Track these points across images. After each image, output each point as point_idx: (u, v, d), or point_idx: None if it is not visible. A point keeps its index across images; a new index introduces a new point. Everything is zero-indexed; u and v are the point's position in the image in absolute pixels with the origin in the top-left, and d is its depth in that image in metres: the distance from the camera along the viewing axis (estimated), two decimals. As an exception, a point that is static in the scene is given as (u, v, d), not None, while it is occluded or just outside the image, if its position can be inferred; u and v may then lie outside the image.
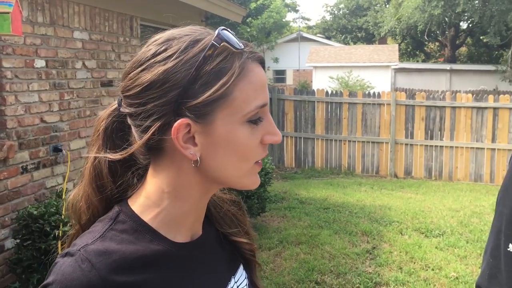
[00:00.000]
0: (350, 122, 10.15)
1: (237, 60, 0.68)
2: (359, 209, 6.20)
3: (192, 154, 0.68)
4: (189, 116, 0.66)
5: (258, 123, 0.71)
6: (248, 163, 0.72)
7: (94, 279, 0.64)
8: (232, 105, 0.67)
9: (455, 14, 19.63)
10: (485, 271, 1.54)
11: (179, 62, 0.66)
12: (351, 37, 33.36)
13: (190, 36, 0.69)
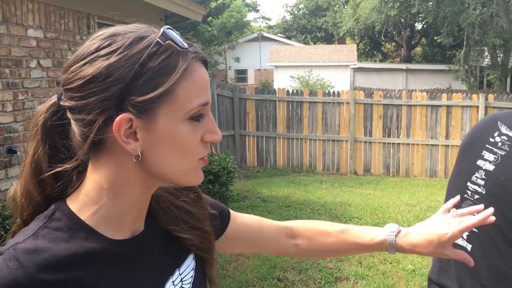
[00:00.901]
0: (311, 120, 10.28)
1: (181, 59, 0.69)
2: (320, 206, 6.30)
3: (133, 149, 0.69)
4: (131, 111, 0.67)
5: (200, 121, 0.72)
6: (190, 160, 0.73)
7: (20, 277, 0.63)
8: (175, 102, 0.68)
9: (410, 15, 20.22)
10: (435, 264, 1.60)
11: (123, 58, 0.66)
12: (311, 37, 33.80)
13: (135, 33, 0.70)
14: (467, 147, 1.52)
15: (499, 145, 1.37)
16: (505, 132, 1.38)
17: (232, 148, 10.39)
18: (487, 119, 1.52)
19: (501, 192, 1.34)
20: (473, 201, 1.41)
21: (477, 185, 1.40)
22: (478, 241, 1.39)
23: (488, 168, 1.38)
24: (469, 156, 1.47)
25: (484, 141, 1.43)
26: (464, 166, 1.48)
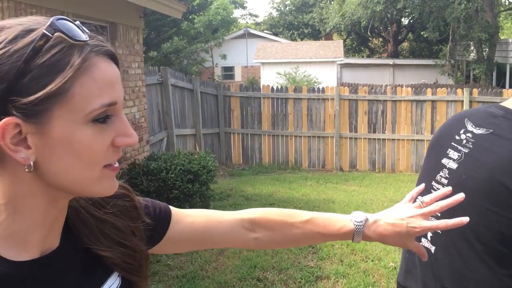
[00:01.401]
0: (296, 117, 10.24)
1: (76, 53, 0.60)
2: (303, 204, 6.25)
3: (24, 158, 0.60)
4: (17, 114, 0.58)
5: (108, 122, 0.64)
6: (95, 167, 0.64)
7: None
8: (71, 103, 0.60)
9: (397, 10, 20.24)
10: (402, 266, 1.55)
11: (5, 53, 0.58)
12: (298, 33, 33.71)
13: (23, 26, 0.61)
14: (434, 145, 1.47)
15: (464, 143, 1.32)
16: (470, 129, 1.33)
17: (217, 146, 10.32)
18: (455, 116, 1.46)
19: (462, 192, 1.28)
20: None
21: (441, 185, 1.34)
22: (441, 243, 1.33)
23: (451, 167, 1.32)
24: (435, 154, 1.42)
25: (450, 138, 1.37)
26: (430, 164, 1.43)
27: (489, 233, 1.20)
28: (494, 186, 1.19)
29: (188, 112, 8.68)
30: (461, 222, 0.97)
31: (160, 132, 7.17)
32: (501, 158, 1.20)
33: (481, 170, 1.23)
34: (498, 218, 1.18)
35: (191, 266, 4.04)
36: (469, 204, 1.25)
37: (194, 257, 4.23)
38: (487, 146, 1.25)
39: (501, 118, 1.28)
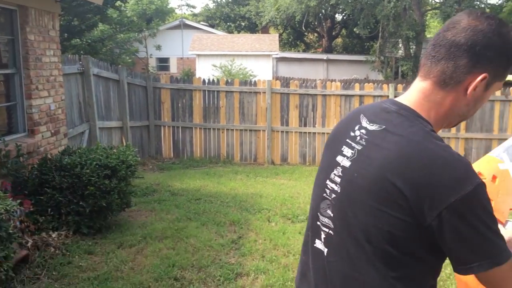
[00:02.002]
0: (228, 110, 10.12)
1: None
2: (231, 198, 6.15)
3: None
4: None
5: None
6: None
7: None
8: None
9: (330, 6, 20.61)
10: (298, 269, 1.47)
11: None
12: (235, 25, 33.57)
13: None
14: (330, 141, 1.39)
15: (357, 139, 1.24)
16: (364, 126, 1.26)
17: (147, 139, 10.00)
18: (353, 112, 1.38)
19: (353, 191, 1.21)
20: (331, 201, 1.28)
21: (334, 183, 1.27)
22: (334, 245, 1.26)
23: (345, 165, 1.25)
24: (331, 151, 1.34)
25: (345, 135, 1.29)
26: (326, 162, 1.35)
27: (378, 233, 1.14)
28: (383, 185, 1.12)
29: (114, 104, 8.30)
30: None
31: (81, 124, 6.78)
32: (390, 155, 1.14)
33: (370, 168, 1.16)
34: (388, 218, 1.12)
35: (105, 267, 3.82)
36: (360, 203, 1.19)
37: (110, 257, 4.01)
38: (379, 143, 1.18)
39: (393, 114, 1.22)
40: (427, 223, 1.08)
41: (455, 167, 1.09)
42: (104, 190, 4.40)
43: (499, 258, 1.09)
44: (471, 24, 1.18)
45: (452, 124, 1.29)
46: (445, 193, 1.06)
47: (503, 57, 1.20)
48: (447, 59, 1.19)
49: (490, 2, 19.80)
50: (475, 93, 1.20)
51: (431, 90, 1.22)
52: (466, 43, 1.17)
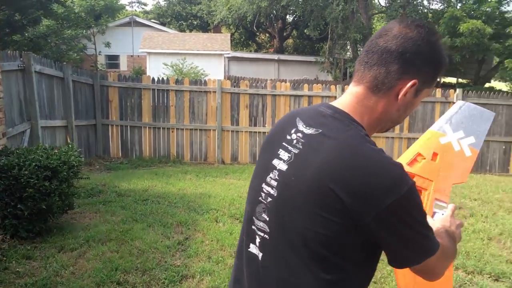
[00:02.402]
0: (178, 109, 10.02)
1: None
2: (179, 199, 6.07)
3: None
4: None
5: None
6: None
7: None
8: None
9: (281, 7, 20.76)
10: (232, 274, 1.46)
11: None
12: (186, 24, 33.24)
13: None
14: (267, 144, 1.38)
15: (294, 143, 1.25)
16: (301, 129, 1.26)
17: (93, 139, 9.72)
18: (288, 114, 1.39)
19: (289, 194, 1.21)
20: (266, 204, 1.27)
21: (271, 187, 1.26)
22: (269, 250, 1.25)
23: (281, 168, 1.25)
24: (266, 154, 1.34)
25: (282, 138, 1.30)
26: (261, 165, 1.35)
27: (314, 237, 1.15)
28: (320, 189, 1.13)
29: (58, 102, 8.00)
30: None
31: (21, 123, 6.49)
32: (327, 159, 1.15)
33: (308, 172, 1.17)
34: (324, 222, 1.13)
35: (44, 272, 3.67)
36: (296, 207, 1.19)
37: (50, 262, 3.86)
38: (316, 147, 1.19)
39: (329, 118, 1.23)
40: (364, 226, 1.11)
41: (390, 170, 1.12)
42: (44, 192, 4.23)
43: (431, 250, 1.16)
44: (402, 32, 1.22)
45: (384, 129, 1.33)
46: (381, 196, 1.09)
47: (431, 64, 1.24)
48: (379, 65, 1.22)
49: (432, 8, 20.59)
50: (405, 99, 1.24)
51: (364, 95, 1.24)
52: (397, 50, 1.20)
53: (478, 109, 1.98)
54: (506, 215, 5.97)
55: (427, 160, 1.86)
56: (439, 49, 1.25)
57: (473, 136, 1.93)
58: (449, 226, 1.40)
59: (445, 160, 1.87)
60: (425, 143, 1.91)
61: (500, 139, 9.99)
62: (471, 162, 1.91)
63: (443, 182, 1.84)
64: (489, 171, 10.06)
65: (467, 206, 6.34)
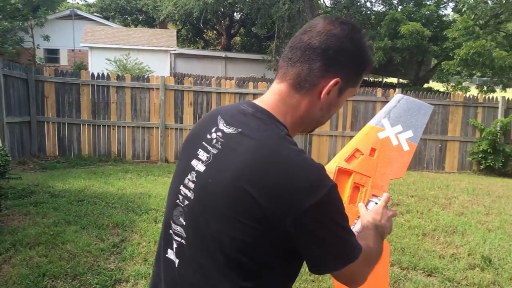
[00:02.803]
0: (119, 106, 9.72)
1: None
2: (117, 199, 5.86)
3: None
4: None
5: None
6: None
7: None
8: None
9: (228, 5, 20.67)
10: (150, 281, 1.37)
11: None
12: (131, 19, 32.46)
13: None
14: (187, 143, 1.30)
15: (213, 143, 1.18)
16: (221, 128, 1.19)
17: (28, 136, 9.24)
18: (211, 112, 1.31)
19: (206, 198, 1.14)
20: (183, 208, 1.19)
21: (188, 189, 1.19)
22: (185, 256, 1.18)
23: (199, 169, 1.17)
24: (187, 154, 1.26)
25: (202, 137, 1.22)
26: (181, 166, 1.27)
27: (231, 243, 1.09)
28: (237, 192, 1.07)
29: (-13, 97, 7.54)
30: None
31: None
32: (244, 160, 1.09)
33: (225, 174, 1.10)
34: (241, 226, 1.07)
35: (-37, 280, 3.41)
36: (212, 211, 1.12)
37: (-30, 269, 3.59)
38: (234, 147, 1.13)
39: (250, 117, 1.17)
40: (282, 230, 1.06)
41: (309, 172, 1.07)
42: (-35, 194, 3.94)
43: (352, 256, 1.12)
44: (326, 28, 1.17)
45: (308, 130, 1.28)
46: (299, 199, 1.04)
47: (355, 62, 1.20)
48: (302, 62, 1.17)
49: (375, 9, 21.19)
50: (328, 98, 1.19)
51: (288, 93, 1.19)
52: (320, 47, 1.16)
53: (417, 102, 1.97)
54: (440, 211, 6.19)
55: (365, 156, 1.85)
56: (363, 47, 1.21)
57: (411, 130, 1.92)
58: (379, 220, 1.38)
59: (383, 155, 1.86)
60: (363, 138, 1.89)
61: (436, 137, 10.39)
62: (408, 156, 1.90)
63: (381, 178, 1.83)
64: (426, 168, 10.45)
65: (404, 202, 6.52)
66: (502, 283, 3.90)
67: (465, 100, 10.57)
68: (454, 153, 10.52)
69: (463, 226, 5.44)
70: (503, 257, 4.48)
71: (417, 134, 1.92)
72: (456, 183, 8.32)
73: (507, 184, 8.54)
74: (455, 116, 10.44)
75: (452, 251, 4.61)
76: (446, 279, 3.95)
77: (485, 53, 14.27)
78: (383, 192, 1.80)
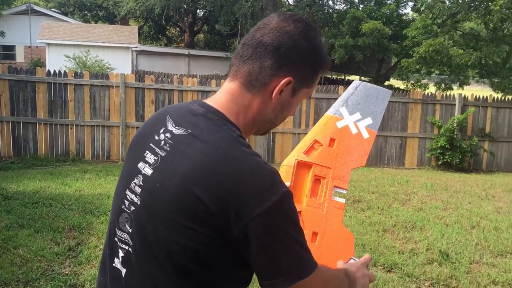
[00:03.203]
0: (77, 105, 9.43)
1: None
2: (74, 201, 5.68)
3: None
4: None
5: None
6: None
7: None
8: None
9: (191, 1, 20.45)
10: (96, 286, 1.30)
11: None
12: (91, 15, 31.69)
13: None
14: (133, 145, 1.22)
15: (161, 144, 1.10)
16: (170, 129, 1.12)
17: (-20, 136, 8.85)
18: (159, 112, 1.23)
19: (154, 203, 1.07)
20: (129, 214, 1.12)
21: (134, 194, 1.11)
22: (133, 265, 1.11)
23: (146, 173, 1.10)
24: (133, 156, 1.18)
25: (149, 138, 1.14)
26: (127, 169, 1.19)
27: (181, 250, 1.02)
28: (186, 197, 1.00)
29: None
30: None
31: None
32: (194, 164, 1.02)
33: (173, 178, 1.03)
34: (191, 233, 1.01)
35: None
36: (160, 217, 1.05)
37: None
38: (183, 149, 1.06)
39: (201, 117, 1.10)
40: (233, 237, 1.00)
41: (261, 177, 1.02)
42: None
43: (303, 272, 1.04)
44: (279, 25, 1.12)
45: (261, 131, 1.22)
46: (250, 205, 0.98)
47: (309, 61, 1.15)
48: (253, 59, 1.11)
49: (337, 8, 21.43)
50: (281, 98, 1.14)
51: (239, 92, 1.13)
52: (272, 44, 1.10)
53: (375, 88, 1.93)
54: (400, 206, 6.30)
55: (324, 146, 1.80)
56: (318, 45, 1.16)
57: (370, 117, 1.88)
58: (354, 272, 1.28)
59: (343, 145, 1.81)
60: (322, 129, 1.84)
61: (396, 134, 10.59)
62: (369, 144, 1.85)
63: (342, 168, 1.78)
64: (387, 164, 10.63)
65: (365, 199, 6.60)
66: (459, 277, 3.98)
67: (424, 97, 10.82)
68: (413, 150, 10.75)
69: (422, 222, 5.55)
70: (460, 251, 4.59)
71: (376, 120, 1.89)
72: (416, 179, 8.51)
73: (464, 180, 8.79)
74: (414, 113, 10.67)
75: (411, 247, 4.69)
76: (405, 274, 4.00)
77: (443, 51, 14.66)
78: (345, 182, 1.77)
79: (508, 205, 6.66)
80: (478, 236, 5.10)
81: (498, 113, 10.96)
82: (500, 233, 5.29)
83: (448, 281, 3.90)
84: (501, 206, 6.60)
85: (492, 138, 10.89)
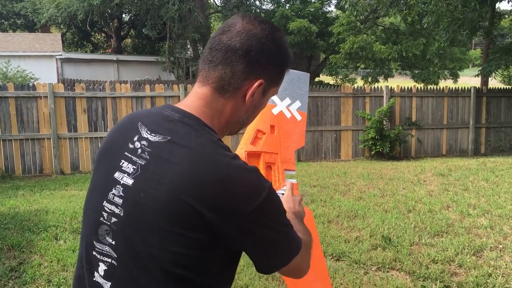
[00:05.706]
0: (3, 118, 8.95)
1: None
2: (10, 219, 5.39)
3: None
4: None
5: None
6: None
7: None
8: None
9: (116, 6, 19.88)
10: None
11: None
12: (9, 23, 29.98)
13: None
14: (102, 155, 1.20)
15: (139, 153, 1.10)
16: (145, 136, 1.11)
17: None
18: (127, 119, 1.22)
19: (140, 213, 1.06)
20: (110, 226, 1.10)
21: (115, 205, 1.10)
22: (119, 277, 1.09)
23: (126, 183, 1.09)
24: (105, 166, 1.16)
25: (123, 147, 1.13)
26: (100, 180, 1.16)
27: (173, 258, 1.03)
28: (176, 204, 1.01)
29: None
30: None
31: None
32: (181, 170, 1.03)
33: (160, 186, 1.04)
34: (183, 240, 1.02)
35: None
36: (149, 227, 1.04)
37: None
38: (166, 157, 1.06)
39: (178, 123, 1.11)
40: (228, 239, 1.04)
41: (247, 177, 1.06)
42: None
43: (296, 249, 1.13)
44: (245, 28, 1.14)
45: (233, 132, 1.26)
46: (241, 205, 1.02)
47: (277, 62, 1.19)
48: (224, 64, 1.13)
49: (264, 8, 21.74)
50: (253, 100, 1.18)
51: (212, 97, 1.15)
52: (241, 48, 1.12)
53: (296, 73, 2.06)
54: (341, 197, 6.54)
55: (267, 134, 1.90)
56: (284, 46, 1.21)
57: (298, 100, 2.03)
58: (293, 207, 1.38)
59: (282, 129, 1.93)
60: (261, 118, 1.91)
61: (331, 128, 10.95)
62: (303, 125, 2.01)
63: (287, 152, 1.90)
64: (324, 158, 10.98)
65: (308, 192, 6.79)
66: (402, 259, 4.21)
67: (354, 91, 11.28)
68: (348, 142, 11.17)
69: (363, 210, 5.80)
70: (400, 235, 4.86)
71: (303, 102, 2.05)
72: (353, 170, 8.85)
73: (396, 167, 9.26)
74: (347, 107, 11.10)
75: (356, 235, 4.90)
76: (353, 261, 4.18)
77: (367, 47, 15.35)
78: (292, 164, 1.91)
79: (438, 188, 7.11)
80: (415, 219, 5.42)
81: (422, 102, 11.65)
82: (434, 214, 5.64)
83: (392, 264, 4.12)
84: (433, 189, 7.03)
85: (418, 126, 11.56)
